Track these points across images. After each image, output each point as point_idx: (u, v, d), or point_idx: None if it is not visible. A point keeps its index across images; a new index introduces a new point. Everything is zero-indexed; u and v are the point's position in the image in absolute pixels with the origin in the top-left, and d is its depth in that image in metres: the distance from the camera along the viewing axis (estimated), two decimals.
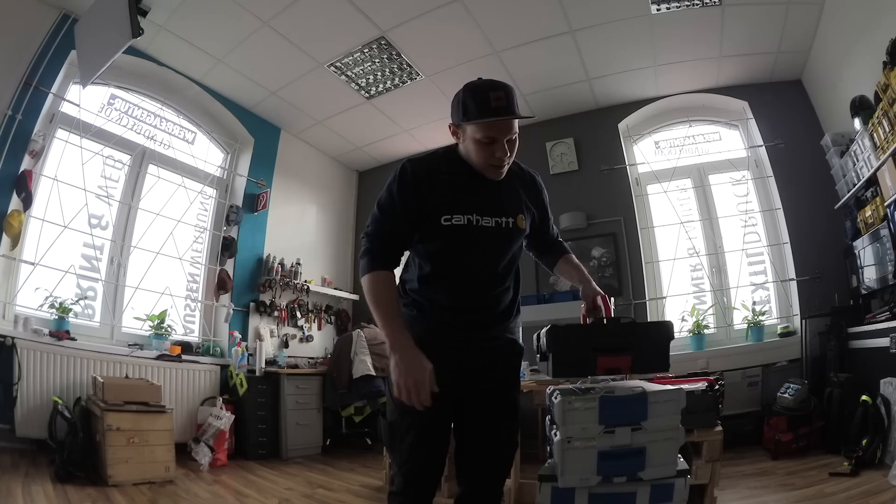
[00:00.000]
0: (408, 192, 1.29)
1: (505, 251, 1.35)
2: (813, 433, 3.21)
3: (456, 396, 1.33)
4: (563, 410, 1.24)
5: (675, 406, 1.24)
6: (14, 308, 3.23)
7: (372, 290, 1.27)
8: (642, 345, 1.25)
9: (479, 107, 1.22)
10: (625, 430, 1.22)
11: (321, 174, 5.67)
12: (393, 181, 1.32)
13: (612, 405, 1.24)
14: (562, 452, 1.23)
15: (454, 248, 1.30)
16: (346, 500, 2.85)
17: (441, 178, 1.31)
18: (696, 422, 2.21)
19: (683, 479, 1.27)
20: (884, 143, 2.83)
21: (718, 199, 4.60)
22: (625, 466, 1.22)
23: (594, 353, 1.23)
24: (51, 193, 3.52)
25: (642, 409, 1.23)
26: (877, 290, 3.16)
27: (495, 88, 1.23)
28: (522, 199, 1.41)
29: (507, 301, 1.39)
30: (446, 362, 1.28)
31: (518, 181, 1.42)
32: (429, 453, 1.28)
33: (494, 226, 1.32)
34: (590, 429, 1.23)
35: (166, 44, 3.80)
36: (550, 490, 1.26)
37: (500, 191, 1.35)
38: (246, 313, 4.56)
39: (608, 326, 1.32)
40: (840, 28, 3.49)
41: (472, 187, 1.32)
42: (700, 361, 3.90)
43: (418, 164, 1.34)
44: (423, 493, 1.28)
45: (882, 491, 2.25)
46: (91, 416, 3.02)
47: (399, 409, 1.30)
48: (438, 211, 1.29)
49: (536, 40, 3.88)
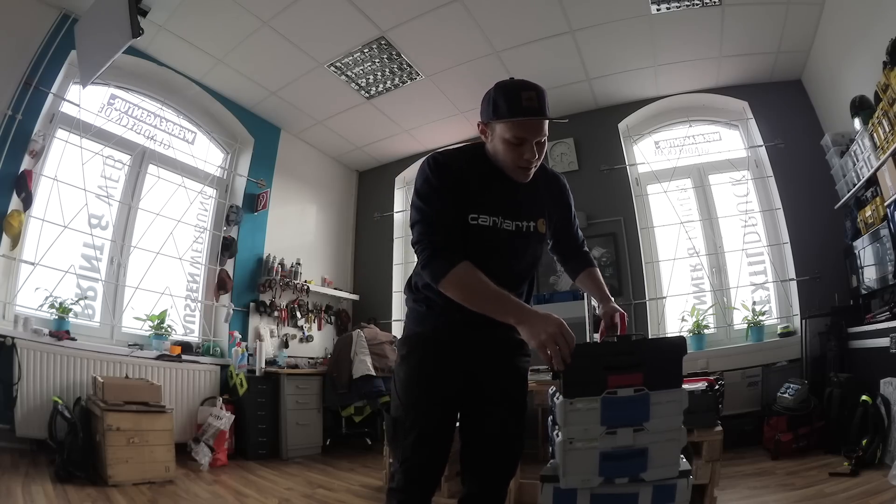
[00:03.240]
0: (447, 182, 1.25)
1: (523, 255, 1.34)
2: (813, 433, 3.20)
3: (463, 395, 1.33)
4: (566, 411, 1.23)
5: (678, 407, 1.23)
6: (14, 308, 3.23)
7: (463, 287, 1.18)
8: (654, 362, 1.24)
9: (510, 106, 1.19)
10: (627, 431, 1.21)
11: (321, 174, 5.67)
12: (430, 175, 1.25)
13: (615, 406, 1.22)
14: (564, 453, 1.23)
15: (475, 249, 1.24)
16: (346, 500, 2.85)
17: (471, 175, 1.28)
18: (696, 422, 2.21)
19: (686, 480, 1.26)
20: (884, 143, 2.83)
21: (718, 199, 4.60)
22: (627, 467, 1.22)
23: (604, 373, 1.22)
24: (51, 193, 3.51)
25: (644, 409, 1.22)
26: (877, 290, 3.16)
27: (527, 88, 1.20)
28: (545, 202, 1.39)
29: None
30: (454, 361, 1.28)
31: (542, 183, 1.39)
32: (431, 451, 1.28)
33: (515, 229, 1.30)
34: (591, 430, 1.22)
35: (166, 44, 3.80)
36: (552, 491, 1.26)
37: (524, 194, 1.33)
38: (246, 313, 4.56)
39: (619, 344, 1.32)
40: (840, 28, 3.49)
41: (498, 188, 1.29)
42: (700, 361, 3.90)
43: (450, 157, 1.30)
44: (423, 491, 1.28)
45: (882, 491, 2.24)
46: (91, 416, 3.02)
47: (404, 405, 1.29)
48: (466, 209, 1.25)
49: (536, 40, 3.88)
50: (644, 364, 1.22)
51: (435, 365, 1.30)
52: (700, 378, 2.74)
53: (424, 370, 1.30)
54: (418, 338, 1.35)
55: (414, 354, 1.33)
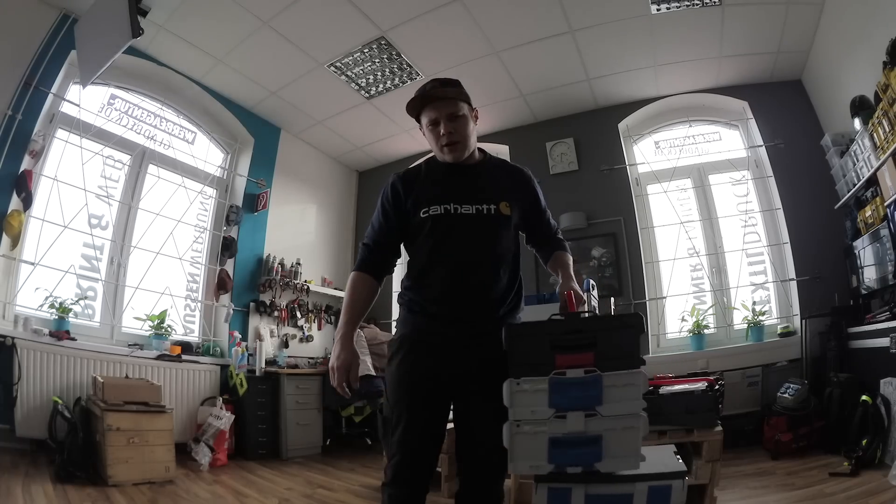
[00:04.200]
0: (388, 202, 1.41)
1: (489, 238, 1.36)
2: (813, 433, 3.20)
3: (450, 393, 1.35)
4: (511, 392, 1.18)
5: (635, 391, 1.13)
6: (14, 308, 3.23)
7: (348, 288, 1.40)
8: (607, 341, 1.16)
9: (418, 96, 1.39)
10: (577, 415, 1.13)
11: (321, 174, 5.67)
12: (382, 195, 1.44)
13: (563, 388, 1.15)
14: (511, 436, 1.17)
15: (436, 238, 1.35)
16: (346, 500, 2.85)
17: (418, 179, 1.43)
18: (696, 422, 2.21)
19: (681, 481, 1.25)
20: (884, 143, 2.83)
21: (718, 199, 4.60)
22: (579, 456, 1.13)
23: (552, 352, 1.16)
24: (51, 193, 3.51)
25: (597, 392, 1.13)
26: (877, 290, 3.16)
27: (434, 80, 1.40)
28: (506, 188, 1.43)
29: (499, 293, 1.37)
30: (434, 359, 1.31)
31: (501, 172, 1.48)
32: (417, 447, 1.31)
33: (475, 212, 1.36)
34: (539, 412, 1.15)
35: (166, 44, 3.80)
36: (546, 491, 1.25)
37: (479, 179, 1.42)
38: (246, 313, 4.56)
39: (567, 322, 1.24)
40: (840, 28, 3.49)
41: (451, 180, 1.40)
42: (700, 361, 3.90)
43: (402, 174, 1.46)
44: (412, 486, 1.30)
45: (882, 491, 2.24)
46: (91, 416, 3.02)
47: (391, 404, 1.35)
48: (417, 207, 1.37)
49: (536, 40, 3.88)
50: (596, 343, 1.16)
51: (416, 364, 1.34)
52: (700, 378, 2.74)
53: (406, 369, 1.35)
54: (402, 339, 1.39)
55: (397, 355, 1.38)
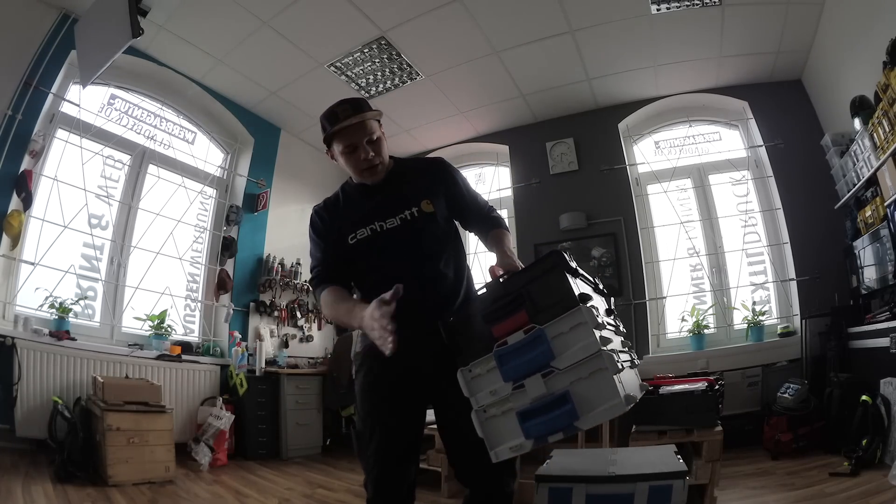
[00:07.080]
0: (318, 232, 1.44)
1: (421, 241, 1.36)
2: (813, 433, 3.20)
3: (425, 397, 1.33)
4: (466, 381, 1.13)
5: (585, 330, 1.04)
6: (14, 308, 3.23)
7: (326, 307, 1.36)
8: (533, 292, 1.09)
9: (330, 123, 1.35)
10: (534, 379, 1.06)
11: (321, 174, 5.66)
12: (309, 227, 1.46)
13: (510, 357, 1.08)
14: (481, 426, 1.11)
15: (370, 261, 1.36)
16: (346, 500, 2.85)
17: (339, 207, 1.44)
18: (696, 422, 2.22)
19: (682, 481, 1.25)
20: (884, 143, 2.83)
21: (718, 199, 4.59)
22: (554, 421, 1.05)
23: (487, 326, 1.11)
24: (51, 193, 3.51)
25: (545, 348, 1.06)
26: (877, 290, 3.16)
27: (342, 103, 1.37)
28: (424, 186, 1.43)
29: (448, 288, 1.36)
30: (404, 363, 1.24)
31: (414, 173, 1.47)
32: (394, 459, 1.28)
33: (400, 223, 1.36)
34: (499, 390, 1.09)
35: (166, 44, 3.80)
36: (547, 491, 1.24)
37: (394, 190, 1.41)
38: (246, 313, 4.56)
39: (489, 292, 1.18)
40: (840, 28, 3.49)
41: (366, 202, 1.40)
42: (700, 361, 3.89)
43: (321, 205, 1.48)
44: (396, 499, 1.29)
45: (882, 491, 2.24)
46: (91, 416, 3.02)
47: (361, 416, 1.32)
48: (343, 236, 1.38)
49: (536, 40, 3.88)
50: (524, 300, 1.10)
51: (384, 372, 1.30)
52: (700, 378, 2.75)
53: (372, 380, 1.34)
54: (366, 350, 1.36)
55: (363, 367, 1.37)
